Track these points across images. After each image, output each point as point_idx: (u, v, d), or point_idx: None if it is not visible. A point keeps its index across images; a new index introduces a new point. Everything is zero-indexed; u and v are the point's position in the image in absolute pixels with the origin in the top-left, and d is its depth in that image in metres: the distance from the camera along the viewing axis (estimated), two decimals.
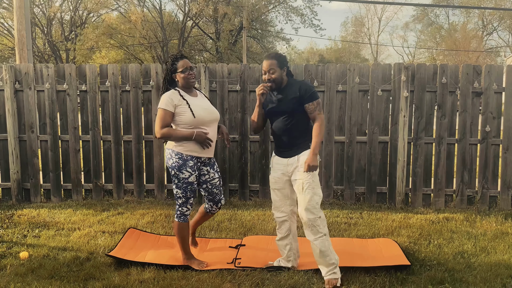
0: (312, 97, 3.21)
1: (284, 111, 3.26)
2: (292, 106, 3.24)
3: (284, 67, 3.28)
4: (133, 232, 4.07)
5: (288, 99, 3.26)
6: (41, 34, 27.36)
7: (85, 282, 3.17)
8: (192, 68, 3.39)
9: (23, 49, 7.44)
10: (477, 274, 3.30)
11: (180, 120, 3.31)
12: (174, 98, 3.31)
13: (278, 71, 3.25)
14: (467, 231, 4.31)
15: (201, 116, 3.32)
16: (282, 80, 3.28)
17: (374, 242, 4.01)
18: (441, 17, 44.76)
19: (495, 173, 5.20)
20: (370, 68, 5.27)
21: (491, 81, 5.11)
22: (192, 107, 3.31)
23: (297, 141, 3.27)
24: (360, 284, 3.12)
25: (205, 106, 3.42)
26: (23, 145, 5.43)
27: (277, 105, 3.31)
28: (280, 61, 3.26)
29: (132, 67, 5.41)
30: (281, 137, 3.32)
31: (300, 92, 3.21)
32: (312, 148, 3.17)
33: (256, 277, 3.23)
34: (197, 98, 3.44)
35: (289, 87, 3.29)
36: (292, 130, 3.27)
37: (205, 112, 3.36)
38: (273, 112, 3.33)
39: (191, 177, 3.33)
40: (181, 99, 3.32)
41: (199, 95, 3.50)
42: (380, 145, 5.28)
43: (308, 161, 3.14)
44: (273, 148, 3.49)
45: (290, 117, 3.26)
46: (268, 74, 3.26)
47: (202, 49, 30.04)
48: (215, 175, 3.52)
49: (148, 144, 5.45)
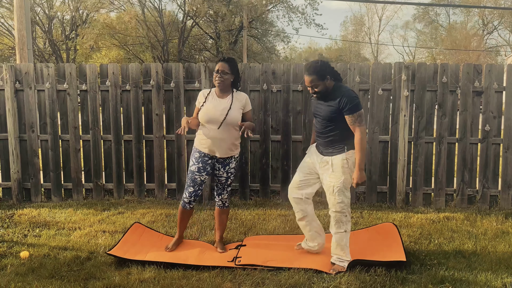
0: (351, 110, 3.24)
1: (323, 116, 3.37)
2: (329, 114, 3.32)
3: (327, 76, 3.29)
4: (138, 227, 4.07)
5: (326, 106, 3.34)
6: (41, 34, 27.34)
7: (86, 282, 3.17)
8: (222, 72, 3.60)
9: (23, 48, 7.43)
10: (478, 273, 3.30)
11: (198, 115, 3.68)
12: (201, 96, 3.73)
13: (321, 84, 3.30)
14: (467, 230, 4.31)
15: (206, 116, 3.60)
16: (327, 89, 3.34)
17: (374, 230, 4.08)
18: (442, 16, 44.73)
19: (495, 172, 5.20)
20: (371, 67, 5.26)
21: (491, 80, 5.10)
22: (205, 106, 3.63)
23: (334, 144, 3.37)
24: (360, 283, 3.12)
25: (219, 108, 3.61)
26: (24, 144, 5.43)
27: (316, 109, 3.44)
28: (320, 74, 3.28)
29: (132, 66, 5.41)
30: (319, 136, 3.46)
31: (340, 104, 3.26)
32: (357, 164, 3.26)
33: (256, 277, 3.23)
34: (221, 100, 3.66)
35: (332, 94, 3.33)
36: (329, 134, 3.37)
37: (211, 113, 3.60)
38: (314, 114, 3.49)
39: (193, 166, 3.70)
40: (206, 98, 3.68)
41: (227, 98, 3.66)
42: (380, 144, 5.28)
43: (356, 179, 3.28)
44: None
45: (328, 122, 3.35)
46: (311, 89, 3.35)
47: (203, 48, 30.02)
48: (224, 174, 3.77)
49: (148, 143, 5.45)
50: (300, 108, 5.32)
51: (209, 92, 3.73)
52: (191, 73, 5.36)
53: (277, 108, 5.33)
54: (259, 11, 24.58)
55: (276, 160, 5.39)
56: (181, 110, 5.38)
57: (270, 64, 5.38)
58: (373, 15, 55.72)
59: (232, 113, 3.60)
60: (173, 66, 5.36)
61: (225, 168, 3.74)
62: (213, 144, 3.64)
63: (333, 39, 52.06)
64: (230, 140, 3.66)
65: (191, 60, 27.65)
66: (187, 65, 5.41)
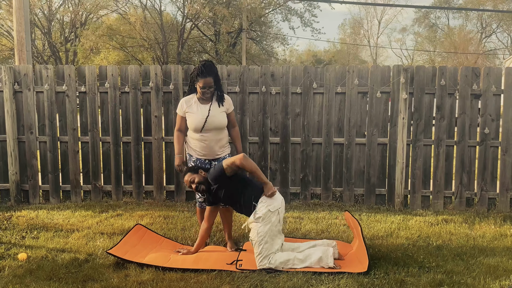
0: None
1: None
2: None
3: None
4: (139, 229, 4.05)
5: None
6: (40, 35, 27.32)
7: (84, 284, 3.15)
8: (209, 87, 3.71)
9: (22, 50, 7.43)
10: (476, 276, 3.29)
11: (187, 123, 3.83)
12: (185, 104, 3.82)
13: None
14: (465, 233, 4.31)
15: (195, 124, 3.76)
16: None
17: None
18: (442, 19, 44.81)
19: (493, 175, 5.20)
20: (369, 70, 5.26)
21: (490, 83, 5.11)
22: (192, 115, 3.76)
23: None
24: (358, 286, 3.11)
25: (209, 114, 3.74)
26: (22, 146, 5.42)
27: None
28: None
29: (131, 68, 5.40)
30: None
31: None
32: None
33: (255, 279, 3.22)
34: (204, 106, 3.78)
35: None
36: None
37: (201, 121, 3.73)
38: None
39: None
40: (191, 105, 3.80)
41: (213, 103, 3.81)
42: (379, 147, 5.28)
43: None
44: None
45: None
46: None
47: (202, 50, 30.01)
48: None
49: (147, 145, 5.44)
50: (299, 110, 5.32)
51: (193, 100, 3.82)
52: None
53: (276, 110, 5.33)
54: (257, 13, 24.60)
55: (275, 162, 5.38)
56: None
57: (269, 66, 5.39)
58: (372, 18, 55.91)
59: (218, 117, 3.79)
60: (172, 68, 5.36)
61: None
62: (203, 149, 3.83)
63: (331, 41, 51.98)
64: (220, 142, 3.86)
65: (190, 62, 27.64)
66: (186, 67, 5.41)
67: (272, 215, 3.41)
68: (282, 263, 3.40)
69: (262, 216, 3.39)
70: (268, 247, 3.39)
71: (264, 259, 3.39)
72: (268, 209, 3.40)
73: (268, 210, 3.40)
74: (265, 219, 3.39)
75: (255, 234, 3.41)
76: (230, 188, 3.52)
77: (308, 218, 4.77)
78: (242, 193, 3.52)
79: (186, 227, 4.45)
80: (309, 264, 3.42)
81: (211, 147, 3.81)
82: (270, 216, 3.40)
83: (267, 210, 3.40)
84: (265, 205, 3.42)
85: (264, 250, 3.39)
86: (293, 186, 5.40)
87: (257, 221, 3.41)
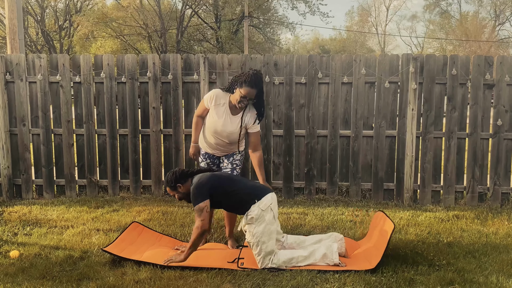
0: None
1: None
2: None
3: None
4: (136, 227, 3.99)
5: None
6: (34, 23, 27.04)
7: (79, 282, 3.10)
8: (250, 99, 3.63)
9: (14, 38, 7.33)
10: (489, 274, 3.23)
11: (206, 119, 3.83)
12: (215, 100, 3.74)
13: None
14: (478, 229, 4.26)
15: (212, 128, 3.75)
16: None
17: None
18: (454, 5, 44.19)
19: (507, 168, 5.13)
20: (377, 59, 5.18)
21: (503, 72, 5.03)
22: (216, 120, 3.70)
23: None
24: (366, 284, 3.05)
25: (228, 127, 3.69)
26: (14, 139, 5.37)
27: None
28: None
29: (128, 57, 5.33)
30: None
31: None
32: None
33: (257, 277, 3.17)
34: (232, 117, 3.71)
35: None
36: None
37: (218, 128, 3.72)
38: None
39: (202, 163, 3.96)
40: (219, 106, 3.72)
41: (238, 116, 3.73)
42: (387, 139, 5.20)
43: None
44: None
45: None
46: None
47: (202, 39, 29.77)
48: (229, 165, 3.89)
49: (145, 138, 5.37)
50: (304, 101, 5.22)
51: (223, 101, 3.73)
52: (189, 65, 5.28)
53: (279, 101, 5.24)
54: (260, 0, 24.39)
55: (278, 155, 5.29)
56: (179, 103, 5.30)
57: (272, 55, 5.32)
58: (379, 4, 55.31)
59: (236, 135, 3.75)
60: (171, 57, 5.28)
61: (229, 159, 3.89)
62: (213, 148, 3.87)
63: (337, 29, 51.30)
64: (231, 146, 3.86)
65: (189, 51, 27.41)
66: (185, 56, 5.33)
67: (265, 213, 3.38)
68: (285, 262, 3.37)
69: (254, 217, 3.37)
70: (266, 246, 3.35)
71: (265, 259, 3.35)
72: (259, 208, 3.38)
73: (259, 209, 3.37)
74: (258, 219, 3.37)
75: (251, 236, 3.39)
76: (215, 204, 3.50)
77: (312, 213, 4.71)
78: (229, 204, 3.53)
79: (185, 223, 4.40)
80: (313, 261, 3.39)
81: (222, 147, 3.84)
82: (263, 214, 3.37)
83: (258, 210, 3.37)
84: (256, 205, 3.41)
85: (263, 250, 3.35)
86: (297, 181, 5.32)
87: (250, 222, 3.38)
